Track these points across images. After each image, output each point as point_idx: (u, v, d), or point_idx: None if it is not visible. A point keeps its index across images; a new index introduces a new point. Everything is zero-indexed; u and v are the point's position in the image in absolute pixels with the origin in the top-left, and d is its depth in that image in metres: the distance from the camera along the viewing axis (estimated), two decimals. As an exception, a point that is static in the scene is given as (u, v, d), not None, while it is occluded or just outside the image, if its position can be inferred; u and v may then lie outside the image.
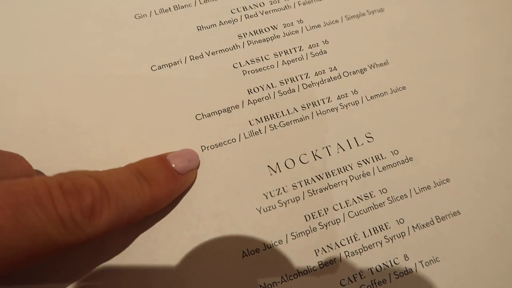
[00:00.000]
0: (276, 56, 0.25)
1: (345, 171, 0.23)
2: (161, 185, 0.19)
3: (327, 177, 0.23)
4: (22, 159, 0.19)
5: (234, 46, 0.25)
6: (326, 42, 0.26)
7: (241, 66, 0.25)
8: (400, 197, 0.23)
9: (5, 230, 0.14)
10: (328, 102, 0.24)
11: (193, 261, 0.20)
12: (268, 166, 0.23)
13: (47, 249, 0.15)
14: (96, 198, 0.16)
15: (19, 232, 0.14)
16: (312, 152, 0.23)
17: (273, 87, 0.25)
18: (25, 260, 0.15)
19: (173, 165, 0.20)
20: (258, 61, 0.25)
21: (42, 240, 0.15)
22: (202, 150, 0.23)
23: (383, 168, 0.23)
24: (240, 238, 0.21)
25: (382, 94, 0.25)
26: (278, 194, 0.22)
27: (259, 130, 0.23)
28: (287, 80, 0.25)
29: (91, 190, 0.16)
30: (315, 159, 0.23)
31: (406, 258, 0.22)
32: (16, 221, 0.14)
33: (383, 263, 0.21)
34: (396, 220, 0.22)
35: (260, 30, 0.26)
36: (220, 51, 0.25)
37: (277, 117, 0.24)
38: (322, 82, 0.25)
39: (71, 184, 0.16)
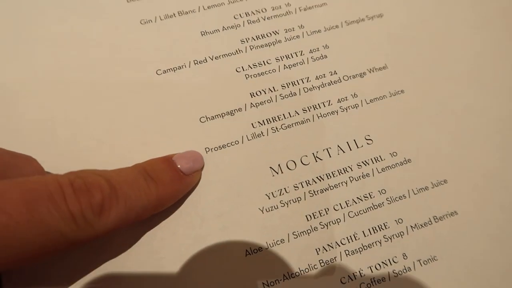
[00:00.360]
0: (277, 60, 0.26)
1: (345, 173, 0.24)
2: (167, 185, 0.20)
3: (328, 178, 0.23)
4: (34, 161, 0.19)
5: (237, 51, 0.26)
6: (327, 46, 0.27)
7: (243, 70, 0.26)
8: (399, 198, 0.23)
9: (20, 225, 0.15)
10: (329, 105, 0.25)
11: (197, 260, 0.21)
12: (270, 167, 0.23)
13: (58, 245, 0.16)
14: (106, 197, 0.17)
15: (33, 227, 0.15)
16: (313, 154, 0.24)
17: (275, 90, 0.25)
18: (37, 256, 0.16)
19: (179, 166, 0.21)
20: (260, 65, 0.26)
21: (54, 236, 0.15)
22: (206, 152, 0.23)
23: (382, 170, 0.24)
24: (243, 237, 0.22)
25: (381, 98, 0.26)
26: (280, 194, 0.23)
27: (262, 133, 0.24)
28: (288, 84, 0.25)
29: (101, 189, 0.17)
30: (316, 161, 0.24)
31: (405, 257, 0.22)
32: (30, 217, 0.15)
33: (382, 262, 0.22)
34: (395, 220, 0.23)
35: (262, 35, 0.27)
36: (223, 56, 0.26)
37: (279, 120, 0.24)
38: (322, 85, 0.26)
39: (82, 183, 0.17)
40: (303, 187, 0.23)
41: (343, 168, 0.24)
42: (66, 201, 0.16)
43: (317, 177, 0.23)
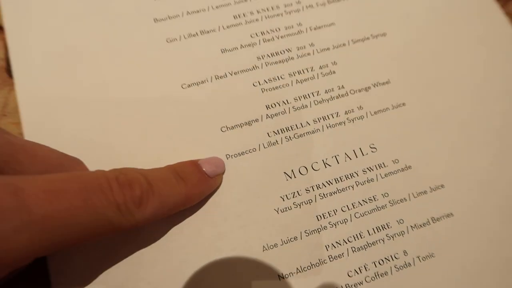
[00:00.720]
0: (290, 75, 0.28)
1: (351, 178, 0.26)
2: (194, 185, 0.22)
3: (336, 183, 0.26)
4: (81, 163, 0.22)
5: (253, 67, 0.28)
6: (335, 63, 0.29)
7: (260, 84, 0.28)
8: (400, 200, 0.25)
9: (78, 211, 0.17)
10: (337, 116, 0.27)
11: (220, 254, 0.23)
12: (284, 172, 0.26)
13: (105, 230, 0.18)
14: (144, 191, 0.19)
15: (88, 213, 0.17)
16: (322, 160, 0.26)
17: (288, 103, 0.28)
18: (87, 238, 0.18)
19: (204, 169, 0.23)
20: (275, 80, 0.28)
21: (103, 222, 0.18)
22: (227, 158, 0.25)
23: (385, 175, 0.26)
24: (261, 234, 0.24)
25: (384, 110, 0.28)
26: (293, 197, 0.25)
27: (276, 141, 0.26)
28: (300, 97, 0.28)
29: (140, 184, 0.19)
30: (326, 167, 0.26)
31: (405, 254, 0.24)
32: (86, 204, 0.17)
33: (385, 258, 0.24)
34: (397, 221, 0.25)
35: (276, 52, 0.29)
36: (242, 71, 0.28)
37: (292, 129, 0.27)
38: (331, 99, 0.28)
39: (125, 178, 0.19)
40: (314, 190, 0.25)
41: (350, 174, 0.26)
42: (113, 192, 0.18)
43: (326, 182, 0.26)
